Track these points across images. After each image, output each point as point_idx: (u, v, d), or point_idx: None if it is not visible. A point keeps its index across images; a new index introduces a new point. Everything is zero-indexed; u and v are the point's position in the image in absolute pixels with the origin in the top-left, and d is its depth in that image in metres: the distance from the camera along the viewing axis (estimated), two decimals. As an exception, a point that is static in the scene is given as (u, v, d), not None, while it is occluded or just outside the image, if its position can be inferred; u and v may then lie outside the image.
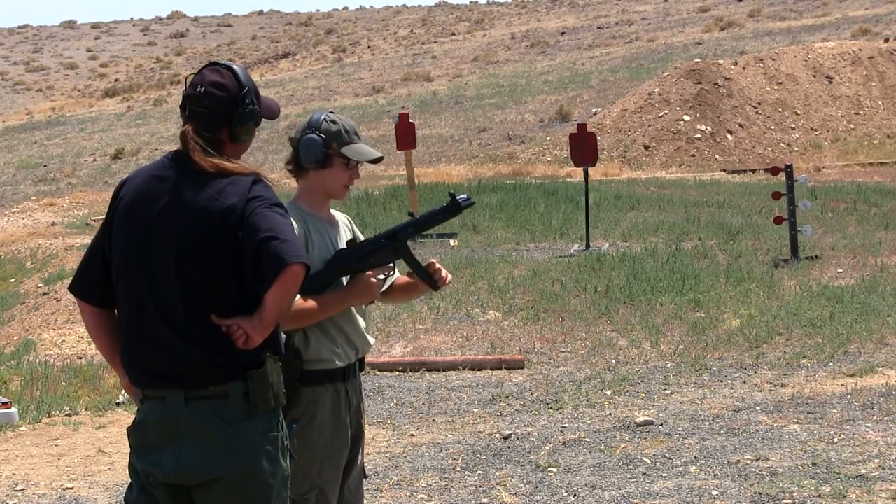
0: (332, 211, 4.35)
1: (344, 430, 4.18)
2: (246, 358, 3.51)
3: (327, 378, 4.14)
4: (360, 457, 4.31)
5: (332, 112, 4.26)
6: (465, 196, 4.22)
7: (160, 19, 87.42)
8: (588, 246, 14.42)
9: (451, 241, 15.38)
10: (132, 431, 3.62)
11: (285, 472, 3.60)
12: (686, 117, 27.21)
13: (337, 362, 4.16)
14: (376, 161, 4.30)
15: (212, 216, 3.51)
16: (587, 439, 7.33)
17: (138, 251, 3.57)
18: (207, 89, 3.60)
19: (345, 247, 4.17)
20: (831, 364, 8.95)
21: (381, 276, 4.18)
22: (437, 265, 4.25)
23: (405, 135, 15.93)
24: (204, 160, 3.56)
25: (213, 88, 3.60)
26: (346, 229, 4.32)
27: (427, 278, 4.25)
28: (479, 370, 9.33)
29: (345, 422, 4.19)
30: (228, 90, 3.60)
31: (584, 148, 15.08)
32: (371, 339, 4.32)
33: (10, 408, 6.04)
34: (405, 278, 4.35)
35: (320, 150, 4.16)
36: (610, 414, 7.92)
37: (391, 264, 4.21)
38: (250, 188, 3.54)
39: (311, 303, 4.03)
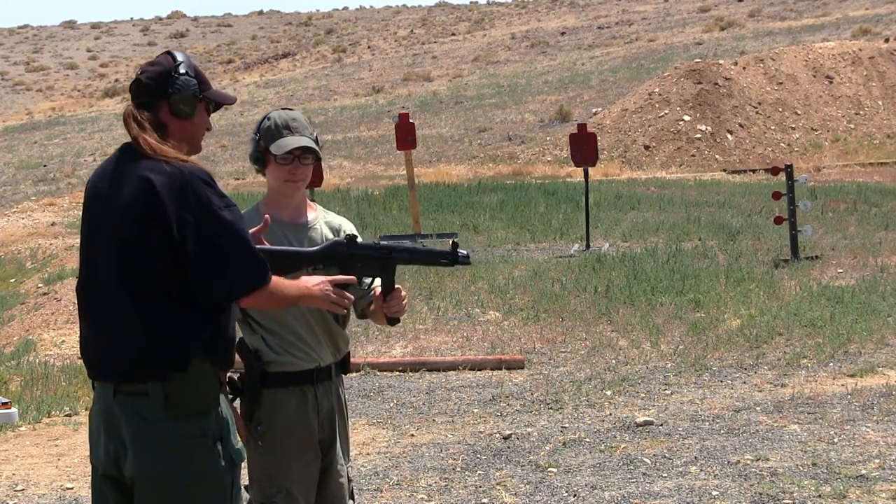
0: (330, 214, 4.30)
1: (311, 433, 4.11)
2: (170, 358, 3.44)
3: (291, 380, 4.07)
4: (336, 464, 4.20)
5: (283, 109, 4.23)
6: (465, 253, 4.17)
7: (160, 19, 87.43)
8: (588, 246, 14.42)
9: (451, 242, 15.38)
10: (89, 417, 3.64)
11: (206, 478, 3.46)
12: (686, 117, 27.20)
13: (302, 364, 4.09)
14: (308, 151, 4.15)
15: (146, 207, 3.45)
16: (587, 439, 7.33)
17: (89, 248, 3.58)
18: (144, 69, 3.65)
19: (342, 238, 4.09)
20: (831, 364, 8.95)
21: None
22: (403, 294, 4.13)
23: (405, 135, 15.93)
24: (142, 138, 3.52)
25: (148, 67, 3.64)
26: (325, 231, 4.22)
27: (389, 305, 4.10)
28: (479, 370, 9.32)
29: (312, 425, 4.11)
30: (162, 65, 3.62)
31: (584, 148, 15.08)
32: (347, 341, 4.24)
33: (10, 408, 6.03)
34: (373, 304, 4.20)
35: (255, 151, 4.18)
36: (610, 414, 7.92)
37: (353, 278, 4.00)
38: (190, 184, 3.46)
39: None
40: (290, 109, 4.27)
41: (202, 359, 3.47)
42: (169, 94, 3.57)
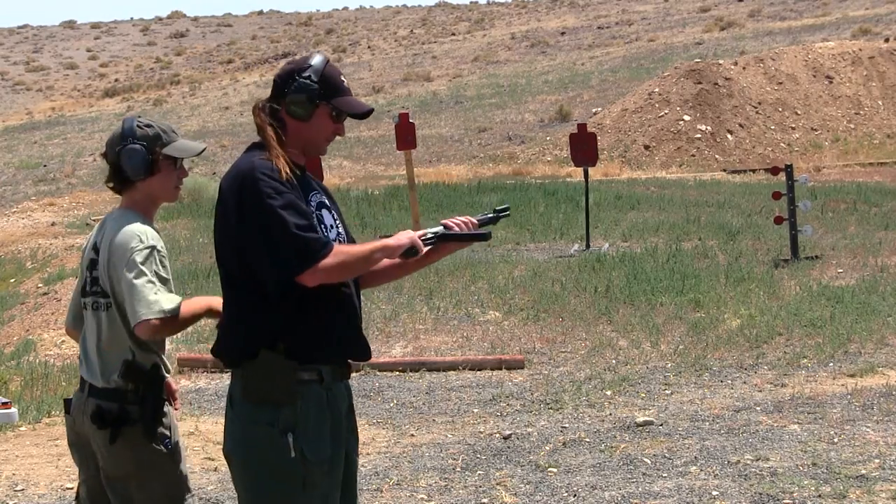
0: None
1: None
2: (235, 347, 3.64)
3: None
4: None
5: (139, 117, 4.16)
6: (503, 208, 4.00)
7: (160, 19, 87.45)
8: (588, 246, 14.42)
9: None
10: None
11: (271, 465, 3.57)
12: (686, 117, 27.21)
13: None
14: (200, 153, 4.16)
15: (217, 204, 3.68)
16: (587, 439, 7.33)
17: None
18: (285, 65, 3.76)
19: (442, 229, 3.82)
20: (831, 364, 8.95)
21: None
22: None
23: (405, 135, 15.92)
24: (265, 130, 3.65)
25: (286, 64, 3.76)
26: None
27: (479, 237, 3.90)
28: (479, 370, 9.32)
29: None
30: (295, 64, 3.71)
31: (584, 148, 15.08)
32: None
33: (10, 408, 6.02)
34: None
35: (144, 158, 4.03)
36: (610, 414, 7.92)
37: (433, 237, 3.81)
38: (248, 177, 3.58)
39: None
40: (141, 116, 4.21)
41: (271, 350, 3.58)
42: (285, 93, 3.66)
